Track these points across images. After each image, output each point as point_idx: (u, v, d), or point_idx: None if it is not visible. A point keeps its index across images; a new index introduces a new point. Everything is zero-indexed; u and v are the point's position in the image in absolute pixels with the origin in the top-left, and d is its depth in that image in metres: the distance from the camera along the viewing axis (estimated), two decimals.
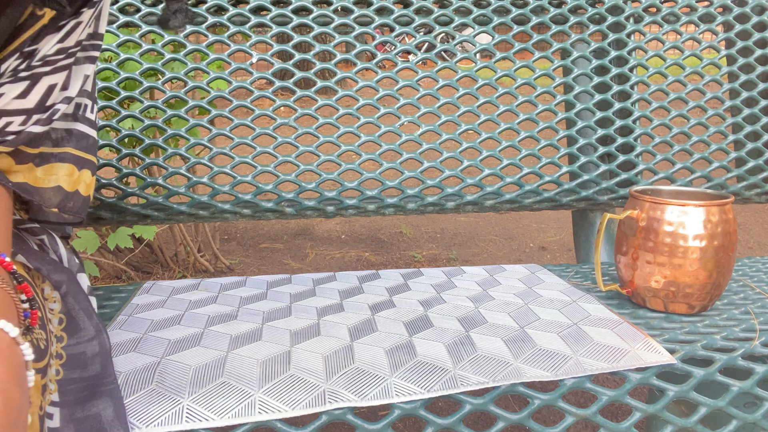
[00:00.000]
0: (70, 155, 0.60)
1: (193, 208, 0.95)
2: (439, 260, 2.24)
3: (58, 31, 0.52)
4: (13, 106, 0.51)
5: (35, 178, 0.57)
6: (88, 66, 0.58)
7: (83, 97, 0.61)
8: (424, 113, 1.00)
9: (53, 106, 0.54)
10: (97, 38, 0.59)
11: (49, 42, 0.51)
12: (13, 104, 0.51)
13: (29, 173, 0.56)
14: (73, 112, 0.60)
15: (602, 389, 0.59)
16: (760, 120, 1.06)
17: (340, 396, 0.54)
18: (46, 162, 0.58)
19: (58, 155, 0.59)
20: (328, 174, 0.97)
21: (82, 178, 0.61)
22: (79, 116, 0.61)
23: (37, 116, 0.53)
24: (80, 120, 0.61)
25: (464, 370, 0.58)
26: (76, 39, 0.54)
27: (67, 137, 0.60)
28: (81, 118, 0.61)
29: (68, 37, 0.53)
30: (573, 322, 0.70)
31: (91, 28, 0.57)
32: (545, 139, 1.04)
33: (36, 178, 0.57)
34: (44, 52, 0.51)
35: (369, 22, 1.01)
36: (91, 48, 0.59)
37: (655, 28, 1.08)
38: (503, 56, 1.04)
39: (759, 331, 0.67)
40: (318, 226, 2.65)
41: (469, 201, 1.01)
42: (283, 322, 0.70)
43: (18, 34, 0.49)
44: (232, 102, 0.98)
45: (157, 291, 0.83)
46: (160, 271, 2.07)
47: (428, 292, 0.81)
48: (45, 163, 0.58)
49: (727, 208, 0.73)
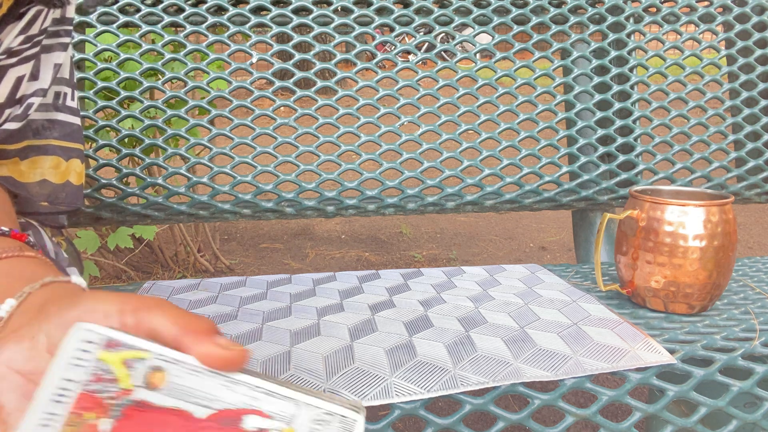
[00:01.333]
0: (55, 146, 0.58)
1: (193, 208, 0.95)
2: (439, 260, 2.24)
3: (20, 20, 0.50)
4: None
5: (20, 172, 0.56)
6: (59, 53, 0.56)
7: (61, 86, 0.60)
8: (424, 113, 1.00)
9: (25, 99, 0.53)
10: (66, 23, 0.57)
11: (11, 32, 0.50)
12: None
13: (14, 167, 0.55)
14: (52, 101, 0.58)
15: (602, 389, 0.59)
16: (760, 120, 1.06)
17: (340, 396, 0.54)
18: (30, 155, 0.56)
19: (42, 147, 0.57)
20: (328, 174, 0.97)
21: (72, 167, 0.60)
22: (59, 105, 0.59)
23: (9, 110, 0.51)
24: (61, 109, 0.59)
25: (464, 370, 0.58)
26: (40, 27, 0.52)
27: (50, 127, 0.58)
28: (61, 107, 0.59)
29: (31, 25, 0.51)
30: (573, 322, 0.70)
31: (57, 13, 0.55)
32: (545, 139, 1.04)
33: (21, 173, 0.56)
34: (7, 43, 0.50)
35: (369, 22, 1.01)
36: (63, 33, 0.57)
37: (655, 28, 1.08)
38: (503, 56, 1.04)
39: (759, 331, 0.67)
40: (318, 226, 2.65)
41: (469, 201, 1.01)
42: (283, 322, 0.70)
43: None
44: (232, 102, 0.98)
45: (157, 291, 0.83)
46: (160, 271, 2.07)
47: (428, 292, 0.82)
48: (29, 157, 0.56)
49: (727, 208, 0.73)
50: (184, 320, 0.33)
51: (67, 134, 0.60)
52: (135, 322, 0.33)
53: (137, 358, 0.32)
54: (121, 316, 0.33)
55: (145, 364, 0.32)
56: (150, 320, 0.33)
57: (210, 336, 0.33)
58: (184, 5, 0.97)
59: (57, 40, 0.57)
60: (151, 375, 0.31)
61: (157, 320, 0.33)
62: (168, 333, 0.33)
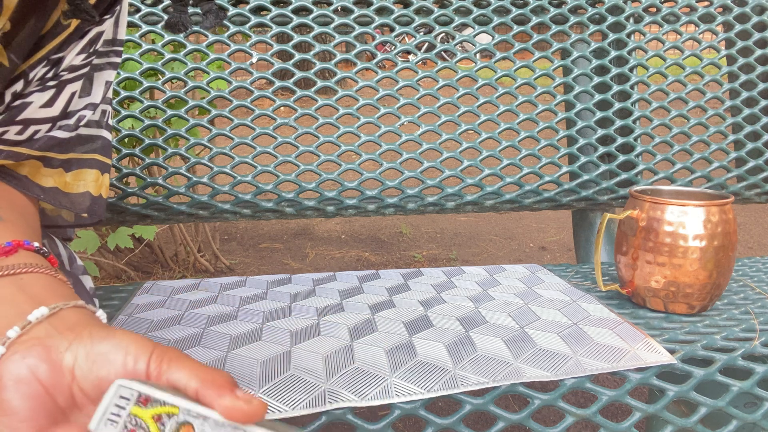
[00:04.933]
0: (96, 161, 0.61)
1: (193, 208, 0.95)
2: (439, 260, 2.24)
3: (82, 39, 0.52)
4: (39, 115, 0.52)
5: (64, 183, 0.58)
6: (110, 72, 0.59)
7: (107, 104, 0.62)
8: (424, 113, 1.00)
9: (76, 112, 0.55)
10: (117, 44, 0.59)
11: (73, 50, 0.52)
12: (40, 113, 0.51)
13: (59, 178, 0.57)
14: (98, 119, 0.61)
15: (602, 389, 0.59)
16: (760, 120, 1.06)
17: (340, 396, 0.54)
18: (76, 168, 0.58)
19: (87, 161, 0.60)
20: (328, 174, 0.97)
21: (104, 181, 0.62)
22: (103, 123, 0.62)
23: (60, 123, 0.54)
24: (104, 127, 0.62)
25: (464, 370, 0.58)
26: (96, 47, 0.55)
27: (95, 144, 0.60)
28: (105, 125, 0.62)
29: (92, 45, 0.54)
30: (573, 322, 0.70)
31: (109, 34, 0.58)
32: (545, 139, 1.04)
33: (65, 184, 0.58)
34: (69, 60, 0.52)
35: (369, 22, 1.01)
36: (113, 54, 0.59)
37: (655, 28, 1.08)
38: (503, 56, 1.04)
39: (759, 331, 0.67)
40: (318, 226, 2.65)
41: (469, 201, 1.01)
42: (283, 322, 0.70)
43: (44, 43, 0.50)
44: (232, 102, 0.98)
45: (157, 291, 0.83)
46: (160, 271, 2.07)
47: (428, 292, 0.81)
48: (74, 169, 0.58)
49: (727, 208, 0.73)
50: (204, 374, 0.35)
51: (105, 149, 0.62)
52: (158, 372, 0.35)
53: (167, 413, 0.33)
54: (148, 362, 0.35)
55: (175, 419, 0.33)
56: (172, 372, 0.35)
57: (231, 389, 0.34)
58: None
59: (109, 59, 0.59)
60: (179, 429, 0.33)
61: (180, 373, 0.35)
62: (190, 385, 0.34)
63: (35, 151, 0.53)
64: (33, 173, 0.55)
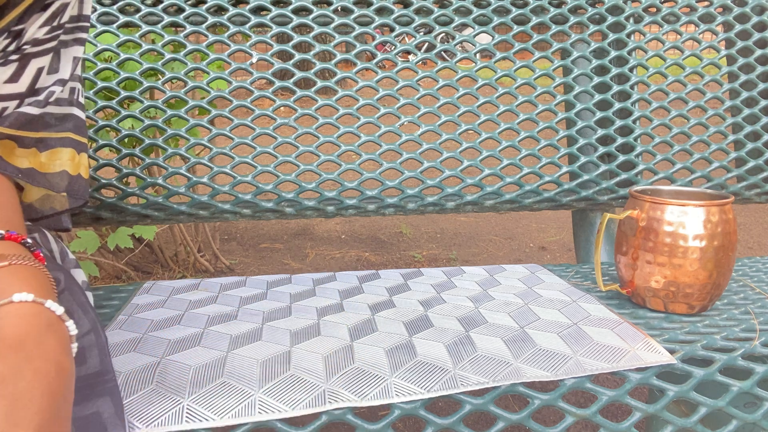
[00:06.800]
0: (70, 139, 0.60)
1: (193, 208, 0.95)
2: (439, 260, 2.24)
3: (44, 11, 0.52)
4: (5, 90, 0.51)
5: (40, 163, 0.57)
6: (77, 48, 0.58)
7: (75, 81, 0.62)
8: (424, 113, 1.00)
9: (44, 89, 0.54)
10: (83, 20, 0.59)
11: (35, 22, 0.51)
12: (5, 88, 0.51)
13: (34, 158, 0.57)
14: (68, 96, 0.60)
15: (602, 389, 0.59)
16: (760, 120, 1.06)
17: (340, 396, 0.54)
18: (50, 147, 0.58)
19: (60, 140, 0.59)
20: (328, 174, 0.97)
21: (82, 161, 0.62)
22: (74, 101, 0.61)
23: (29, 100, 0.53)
24: (75, 104, 0.61)
25: (464, 370, 0.58)
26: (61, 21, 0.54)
27: (66, 122, 0.60)
28: (75, 102, 0.61)
29: (55, 18, 0.53)
30: (573, 322, 0.70)
31: (74, 9, 0.57)
32: (545, 139, 1.04)
33: (41, 164, 0.57)
34: (32, 33, 0.51)
35: (369, 22, 1.01)
36: (78, 30, 0.59)
37: (655, 28, 1.08)
38: (503, 56, 1.04)
39: (759, 331, 0.67)
40: (318, 226, 2.65)
41: (469, 201, 1.01)
42: (283, 322, 0.70)
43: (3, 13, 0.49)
44: (232, 102, 0.98)
45: (157, 291, 0.83)
46: (160, 271, 2.07)
47: (428, 292, 0.81)
48: (48, 149, 0.58)
49: (727, 208, 0.73)
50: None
51: (79, 128, 0.62)
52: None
53: None
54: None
55: None
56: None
57: None
58: (184, 5, 0.97)
59: (75, 35, 0.59)
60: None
61: None
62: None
63: (7, 129, 0.52)
64: (7, 154, 0.55)
